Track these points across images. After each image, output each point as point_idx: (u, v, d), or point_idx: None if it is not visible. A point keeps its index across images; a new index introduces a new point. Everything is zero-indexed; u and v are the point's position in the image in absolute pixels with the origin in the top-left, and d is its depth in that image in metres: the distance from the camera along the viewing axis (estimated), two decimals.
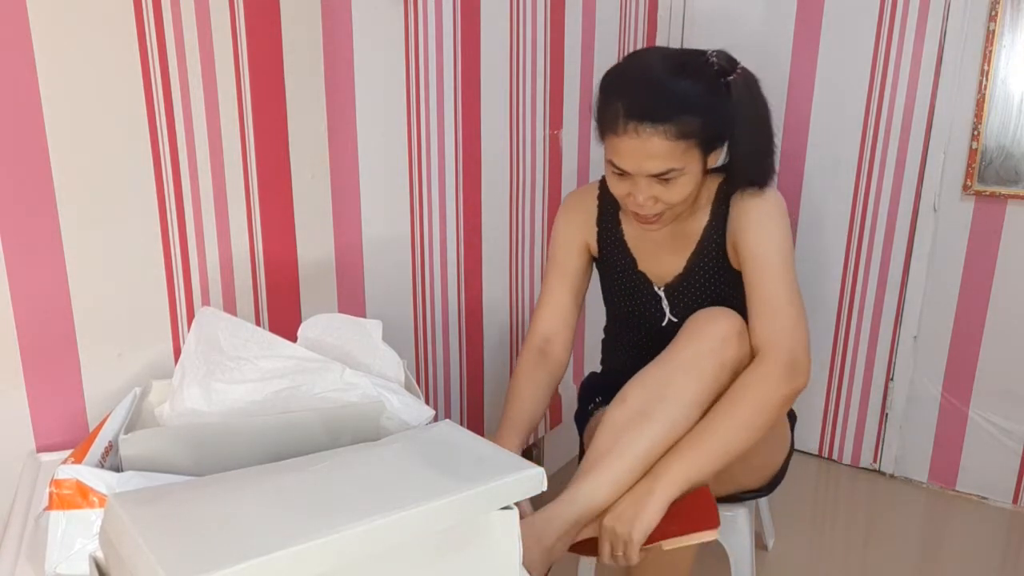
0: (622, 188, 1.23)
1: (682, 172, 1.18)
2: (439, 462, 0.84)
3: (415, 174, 1.57)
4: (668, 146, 1.15)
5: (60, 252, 1.04)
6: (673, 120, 1.14)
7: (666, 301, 1.36)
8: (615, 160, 1.19)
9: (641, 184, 1.19)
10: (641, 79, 1.20)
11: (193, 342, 1.08)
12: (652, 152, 1.15)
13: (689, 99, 1.16)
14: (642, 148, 1.15)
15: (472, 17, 1.63)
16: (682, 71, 1.18)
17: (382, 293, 1.55)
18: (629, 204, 1.24)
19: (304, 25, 1.30)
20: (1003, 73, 1.78)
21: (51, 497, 0.82)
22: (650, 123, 1.14)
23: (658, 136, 1.14)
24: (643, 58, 1.28)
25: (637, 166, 1.17)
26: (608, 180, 1.25)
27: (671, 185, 1.19)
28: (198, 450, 0.91)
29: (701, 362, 1.17)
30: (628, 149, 1.16)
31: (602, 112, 1.22)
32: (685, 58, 1.21)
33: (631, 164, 1.18)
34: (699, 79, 1.18)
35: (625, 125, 1.15)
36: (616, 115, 1.17)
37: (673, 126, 1.14)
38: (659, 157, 1.16)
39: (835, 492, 2.10)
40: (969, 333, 1.95)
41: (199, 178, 1.19)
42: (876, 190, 1.98)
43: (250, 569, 0.64)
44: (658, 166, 1.16)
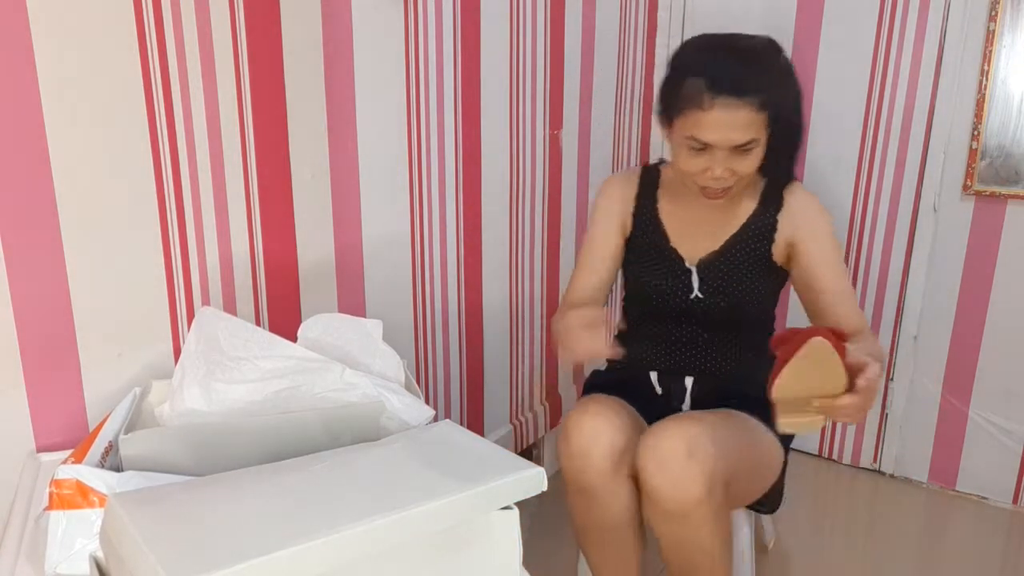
0: (698, 164, 1.25)
1: (759, 143, 1.23)
2: (439, 462, 0.84)
3: (415, 174, 1.57)
4: (753, 117, 1.20)
5: (60, 253, 1.04)
6: (759, 93, 1.19)
7: (696, 276, 1.38)
8: (698, 134, 1.21)
9: (719, 157, 1.23)
10: (722, 54, 1.24)
11: (193, 342, 1.08)
12: (739, 124, 1.19)
13: (765, 76, 1.22)
14: (730, 120, 1.19)
15: (472, 17, 1.63)
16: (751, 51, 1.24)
17: (382, 293, 1.55)
18: (701, 180, 1.27)
19: (304, 25, 1.30)
20: (1003, 73, 1.78)
21: (51, 497, 0.82)
22: (736, 96, 1.18)
23: (745, 108, 1.18)
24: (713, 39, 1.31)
25: (723, 138, 1.20)
26: (680, 157, 1.27)
27: (747, 156, 1.24)
28: (198, 450, 0.91)
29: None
30: (715, 122, 1.19)
31: (678, 90, 1.24)
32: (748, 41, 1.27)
33: (717, 136, 1.20)
34: (764, 58, 1.25)
35: (712, 99, 1.18)
36: (700, 90, 1.20)
37: (757, 98, 1.19)
38: (744, 128, 1.20)
39: (835, 492, 2.10)
40: (969, 333, 1.95)
41: (199, 178, 1.19)
42: (876, 190, 1.98)
43: (250, 569, 0.64)
44: (743, 136, 1.20)
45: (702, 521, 1.18)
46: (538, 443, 2.13)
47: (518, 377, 2.01)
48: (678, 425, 1.18)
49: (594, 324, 1.14)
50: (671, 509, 1.17)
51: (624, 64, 2.16)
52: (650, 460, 1.18)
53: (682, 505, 1.16)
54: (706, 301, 1.37)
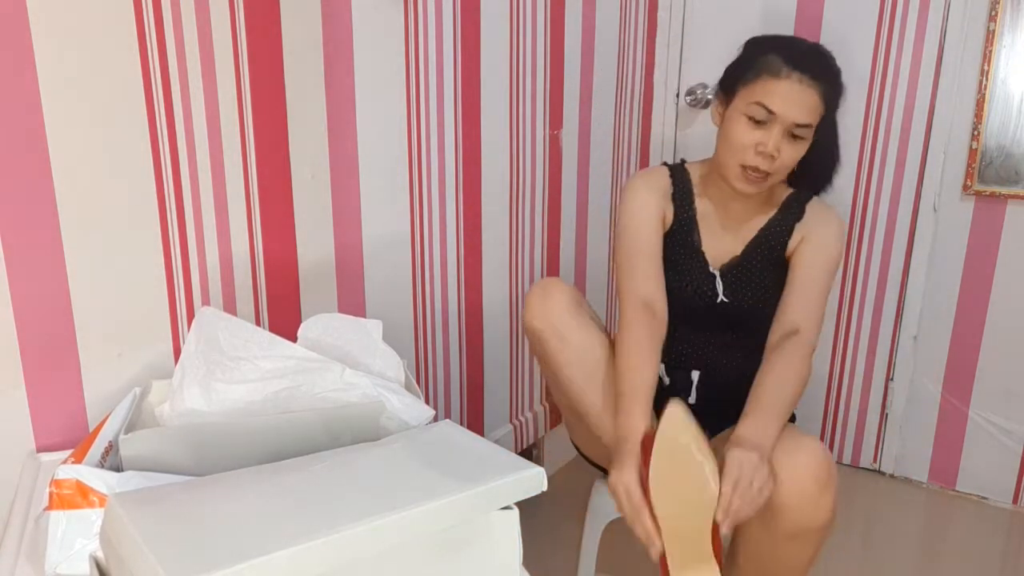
0: (753, 137, 1.28)
1: (809, 134, 1.29)
2: (439, 462, 0.84)
3: (415, 174, 1.57)
4: (816, 102, 1.26)
5: (60, 252, 1.04)
6: (827, 82, 1.27)
7: (720, 281, 1.40)
8: (767, 101, 1.26)
9: (775, 133, 1.27)
10: (800, 43, 1.31)
11: (193, 342, 1.08)
12: (806, 101, 1.25)
13: (835, 75, 1.30)
14: (800, 94, 1.25)
15: (472, 17, 1.63)
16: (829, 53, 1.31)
17: (382, 293, 1.55)
18: (751, 157, 1.29)
19: (304, 25, 1.30)
20: (1003, 73, 1.78)
21: (51, 497, 0.82)
22: (811, 76, 1.25)
23: (814, 89, 1.25)
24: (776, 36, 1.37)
25: (788, 110, 1.25)
26: (738, 129, 1.30)
27: (796, 144, 1.28)
28: (198, 450, 0.91)
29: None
30: (787, 92, 1.25)
31: (754, 62, 1.29)
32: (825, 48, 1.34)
33: (784, 106, 1.25)
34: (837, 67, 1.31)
35: (790, 71, 1.25)
36: (779, 62, 1.26)
37: (825, 87, 1.26)
38: (809, 108, 1.26)
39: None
40: (969, 333, 1.95)
41: (199, 178, 1.19)
42: (876, 190, 1.98)
43: (250, 569, 0.64)
44: (805, 116, 1.26)
45: (813, 544, 1.18)
46: (538, 443, 2.13)
47: (518, 377, 2.01)
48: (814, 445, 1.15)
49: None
50: (794, 529, 1.15)
51: (624, 64, 2.16)
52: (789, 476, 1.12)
53: (812, 528, 1.14)
54: (732, 304, 1.40)
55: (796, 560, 1.21)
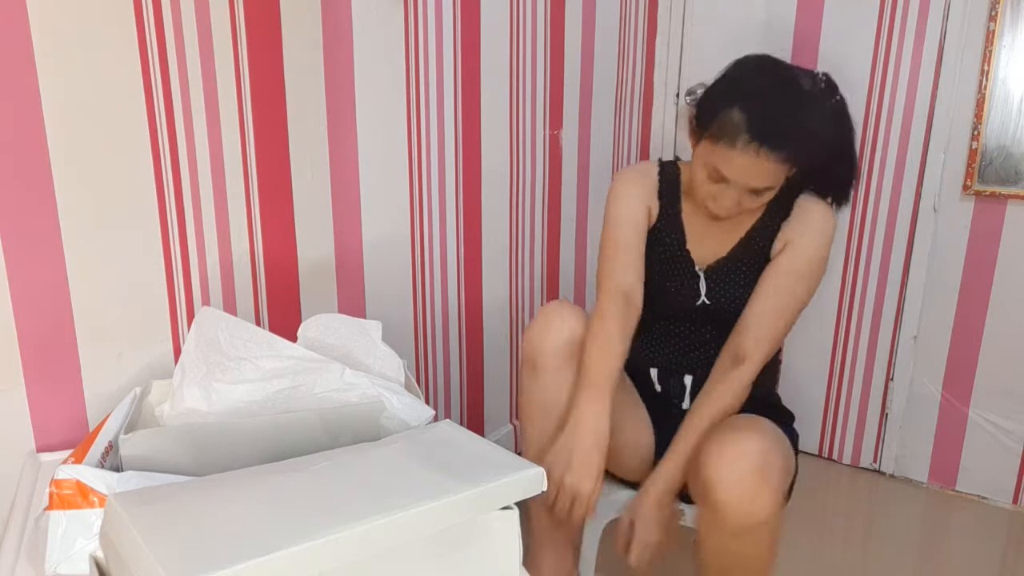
0: (711, 190, 1.25)
1: (774, 189, 1.24)
2: (439, 462, 0.84)
3: (415, 174, 1.57)
4: (778, 170, 1.20)
5: (60, 252, 1.04)
6: (791, 150, 1.19)
7: (704, 282, 1.38)
8: (722, 169, 1.21)
9: (732, 194, 1.23)
10: (772, 97, 1.21)
11: (193, 342, 1.08)
12: (763, 173, 1.20)
13: (811, 135, 1.21)
14: (755, 167, 1.19)
15: (472, 17, 1.63)
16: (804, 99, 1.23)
17: (382, 293, 1.55)
18: (710, 204, 1.27)
19: (304, 25, 1.30)
20: (1003, 73, 1.78)
21: (51, 497, 0.82)
22: (770, 149, 1.17)
23: (772, 162, 1.18)
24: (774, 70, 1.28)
25: (743, 181, 1.21)
26: (698, 178, 1.27)
27: (758, 197, 1.24)
28: (198, 450, 0.91)
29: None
30: (741, 165, 1.19)
31: (717, 118, 1.22)
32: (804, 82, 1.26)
33: (738, 177, 1.21)
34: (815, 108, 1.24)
35: (747, 143, 1.17)
36: (738, 129, 1.18)
37: (788, 154, 1.19)
38: (766, 176, 1.21)
39: (835, 492, 2.10)
40: (969, 333, 1.95)
41: (199, 178, 1.19)
42: (876, 190, 1.98)
43: (250, 569, 0.64)
44: (762, 183, 1.21)
45: (764, 538, 1.17)
46: None
47: (518, 377, 2.01)
48: (748, 440, 1.15)
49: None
50: (739, 525, 1.14)
51: (624, 64, 2.16)
52: (722, 475, 1.13)
53: (752, 523, 1.14)
54: (714, 306, 1.37)
55: (750, 558, 1.19)
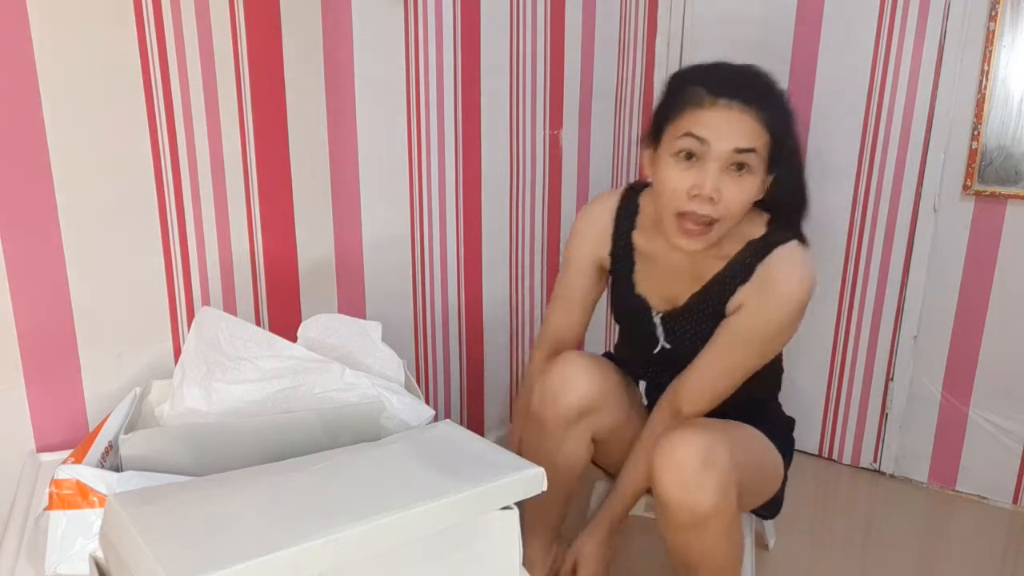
0: (686, 179, 1.14)
1: (755, 167, 1.15)
2: (439, 462, 0.84)
3: (415, 174, 1.57)
4: (756, 128, 1.12)
5: (60, 252, 1.04)
6: (764, 104, 1.13)
7: (661, 328, 1.35)
8: (696, 129, 1.13)
9: (712, 170, 1.13)
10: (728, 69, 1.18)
11: (193, 342, 1.08)
12: (743, 126, 1.12)
13: (775, 98, 1.17)
14: (733, 120, 1.12)
15: (472, 17, 1.63)
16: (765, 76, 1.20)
17: (382, 293, 1.55)
18: (686, 203, 1.15)
19: (304, 25, 1.30)
20: (1003, 73, 1.78)
21: (51, 497, 0.82)
22: (742, 101, 1.12)
23: (749, 115, 1.12)
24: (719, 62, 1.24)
25: (724, 136, 1.12)
26: (669, 174, 1.17)
27: (740, 180, 1.14)
28: (198, 450, 0.91)
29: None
30: (717, 119, 1.12)
31: (676, 97, 1.17)
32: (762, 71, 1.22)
33: (718, 134, 1.12)
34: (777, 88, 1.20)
35: (715, 99, 1.12)
36: (702, 93, 1.13)
37: (763, 112, 1.13)
38: (747, 133, 1.12)
39: (835, 492, 2.09)
40: (969, 333, 1.95)
41: (199, 178, 1.19)
42: (876, 190, 1.98)
43: (250, 569, 0.64)
44: (743, 140, 1.12)
45: (716, 532, 1.17)
46: None
47: (518, 377, 2.01)
48: (693, 434, 1.16)
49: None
50: (685, 519, 1.15)
51: (624, 64, 2.16)
52: (665, 470, 1.15)
53: (696, 516, 1.14)
54: (674, 351, 1.34)
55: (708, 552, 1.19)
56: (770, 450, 1.33)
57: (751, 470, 1.26)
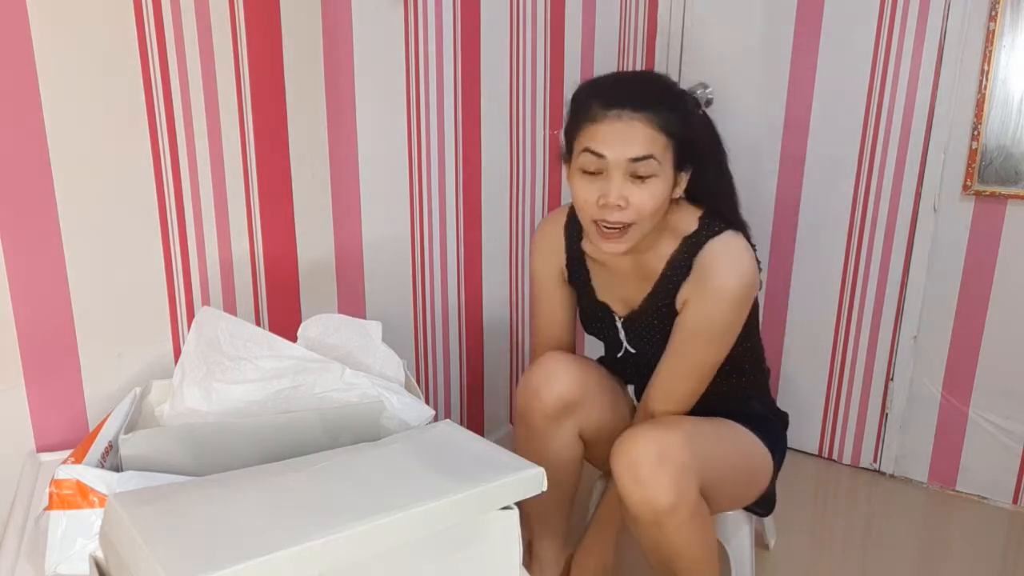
0: (592, 190, 1.18)
1: (659, 168, 1.16)
2: (439, 462, 0.84)
3: (415, 174, 1.57)
4: (649, 133, 1.15)
5: (60, 252, 1.04)
6: (654, 110, 1.15)
7: (623, 332, 1.37)
8: (592, 145, 1.16)
9: (615, 180, 1.16)
10: (617, 79, 1.26)
11: (193, 342, 1.08)
12: (634, 134, 1.15)
13: (667, 99, 1.19)
14: (624, 129, 1.15)
15: (472, 17, 1.63)
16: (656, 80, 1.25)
17: (382, 293, 1.55)
18: (596, 212, 1.19)
19: (304, 25, 1.30)
20: (1003, 73, 1.78)
21: (51, 497, 0.82)
22: (632, 108, 1.14)
23: (640, 121, 1.14)
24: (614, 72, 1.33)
25: (617, 148, 1.15)
26: (577, 188, 1.21)
27: (645, 185, 1.16)
28: (198, 450, 0.91)
29: None
30: (610, 132, 1.15)
31: (576, 113, 1.22)
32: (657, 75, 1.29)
33: (612, 147, 1.15)
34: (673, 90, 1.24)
35: (606, 111, 1.15)
36: (594, 106, 1.17)
37: (654, 115, 1.15)
38: (640, 141, 1.15)
39: (835, 492, 2.10)
40: (969, 333, 1.95)
41: (199, 178, 1.19)
42: (876, 190, 1.98)
43: (250, 569, 0.64)
44: (639, 149, 1.15)
45: (678, 527, 1.17)
46: None
47: (518, 377, 2.01)
48: (651, 430, 1.18)
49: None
50: (645, 516, 1.17)
51: (624, 64, 2.16)
52: (621, 467, 1.17)
53: (656, 512, 1.15)
54: (637, 354, 1.37)
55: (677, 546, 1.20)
56: (751, 445, 1.34)
57: (728, 467, 1.28)
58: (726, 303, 1.23)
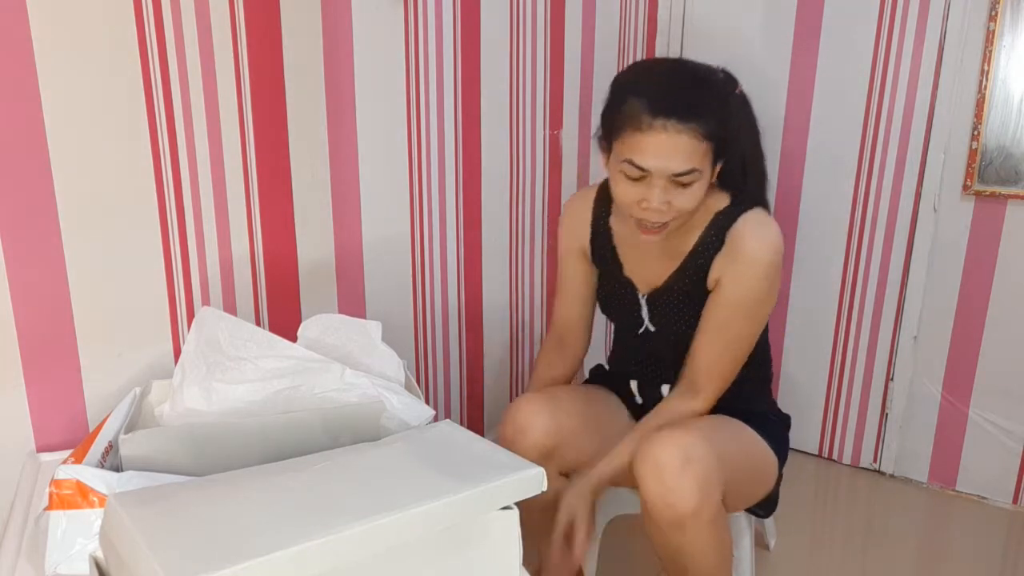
0: (634, 193, 1.19)
1: (700, 175, 1.18)
2: (439, 462, 0.84)
3: (415, 174, 1.57)
4: (694, 145, 1.14)
5: (60, 252, 1.04)
6: (701, 119, 1.14)
7: (646, 309, 1.37)
8: (637, 159, 1.16)
9: (657, 187, 1.17)
10: (664, 79, 1.20)
11: (193, 342, 1.08)
12: (679, 149, 1.14)
13: (712, 102, 1.18)
14: (670, 144, 1.14)
15: (472, 17, 1.63)
16: (698, 77, 1.21)
17: (382, 293, 1.55)
18: (638, 212, 1.21)
19: (304, 26, 1.30)
20: (1003, 73, 1.78)
21: (51, 497, 0.82)
22: (678, 119, 1.13)
23: (686, 133, 1.13)
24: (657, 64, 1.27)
25: (662, 163, 1.15)
26: (618, 187, 1.22)
27: (687, 190, 1.18)
28: (198, 450, 0.91)
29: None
30: (654, 145, 1.14)
31: (618, 111, 1.19)
32: (697, 67, 1.24)
33: (656, 161, 1.15)
34: (714, 86, 1.22)
35: (652, 120, 1.13)
36: (640, 111, 1.14)
37: (700, 125, 1.14)
38: (685, 155, 1.14)
39: (835, 492, 2.10)
40: (969, 333, 1.95)
41: (199, 178, 1.19)
42: (876, 190, 1.98)
43: (250, 569, 0.64)
44: (683, 164, 1.15)
45: (698, 531, 1.17)
46: None
47: (518, 377, 2.01)
48: (672, 434, 1.18)
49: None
50: (668, 519, 1.16)
51: (624, 64, 2.16)
52: (646, 469, 1.17)
53: (678, 515, 1.15)
54: (658, 332, 1.37)
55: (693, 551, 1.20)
56: (762, 448, 1.34)
57: (740, 469, 1.27)
58: (761, 275, 1.25)
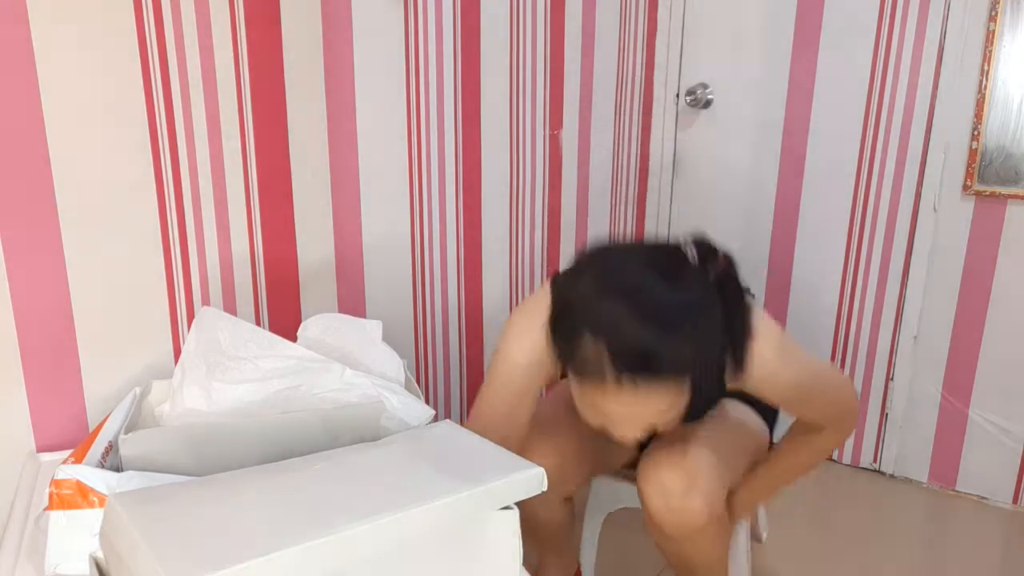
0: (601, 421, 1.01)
1: (679, 405, 0.98)
2: (439, 462, 0.84)
3: (415, 174, 1.57)
4: (670, 396, 0.94)
5: (60, 253, 1.04)
6: (675, 369, 0.92)
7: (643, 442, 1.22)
8: (605, 407, 0.96)
9: (630, 427, 1.00)
10: (624, 318, 0.90)
11: (193, 342, 1.08)
12: (653, 407, 0.95)
13: (686, 347, 0.92)
14: (641, 403, 0.93)
15: (472, 17, 1.63)
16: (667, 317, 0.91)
17: (382, 293, 1.55)
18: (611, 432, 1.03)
19: (304, 25, 1.30)
20: (1003, 73, 1.78)
21: (51, 497, 0.82)
22: (646, 380, 0.91)
23: (660, 391, 0.93)
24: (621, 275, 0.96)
25: (634, 418, 0.97)
26: (587, 414, 1.02)
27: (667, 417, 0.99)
28: (198, 450, 0.91)
29: None
30: (623, 404, 0.94)
31: (574, 343, 0.94)
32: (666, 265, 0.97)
33: (623, 424, 0.99)
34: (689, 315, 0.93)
35: (618, 378, 0.91)
36: (600, 364, 0.91)
37: (672, 378, 0.93)
38: (657, 411, 0.96)
39: (835, 492, 2.09)
40: (969, 333, 1.95)
41: (199, 179, 1.19)
42: (876, 190, 1.98)
43: (250, 569, 0.64)
44: (656, 417, 0.97)
45: (705, 540, 1.19)
46: None
47: None
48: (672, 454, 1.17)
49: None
50: (675, 534, 1.17)
51: (624, 64, 2.16)
52: (652, 492, 1.16)
53: (685, 531, 1.16)
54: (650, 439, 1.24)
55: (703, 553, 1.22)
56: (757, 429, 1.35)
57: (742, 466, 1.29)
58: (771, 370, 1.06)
